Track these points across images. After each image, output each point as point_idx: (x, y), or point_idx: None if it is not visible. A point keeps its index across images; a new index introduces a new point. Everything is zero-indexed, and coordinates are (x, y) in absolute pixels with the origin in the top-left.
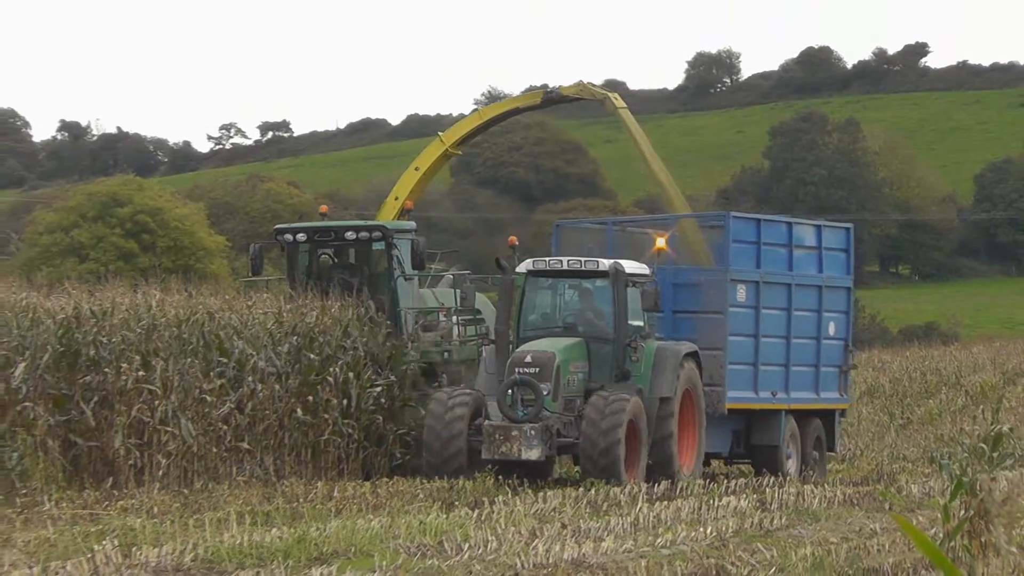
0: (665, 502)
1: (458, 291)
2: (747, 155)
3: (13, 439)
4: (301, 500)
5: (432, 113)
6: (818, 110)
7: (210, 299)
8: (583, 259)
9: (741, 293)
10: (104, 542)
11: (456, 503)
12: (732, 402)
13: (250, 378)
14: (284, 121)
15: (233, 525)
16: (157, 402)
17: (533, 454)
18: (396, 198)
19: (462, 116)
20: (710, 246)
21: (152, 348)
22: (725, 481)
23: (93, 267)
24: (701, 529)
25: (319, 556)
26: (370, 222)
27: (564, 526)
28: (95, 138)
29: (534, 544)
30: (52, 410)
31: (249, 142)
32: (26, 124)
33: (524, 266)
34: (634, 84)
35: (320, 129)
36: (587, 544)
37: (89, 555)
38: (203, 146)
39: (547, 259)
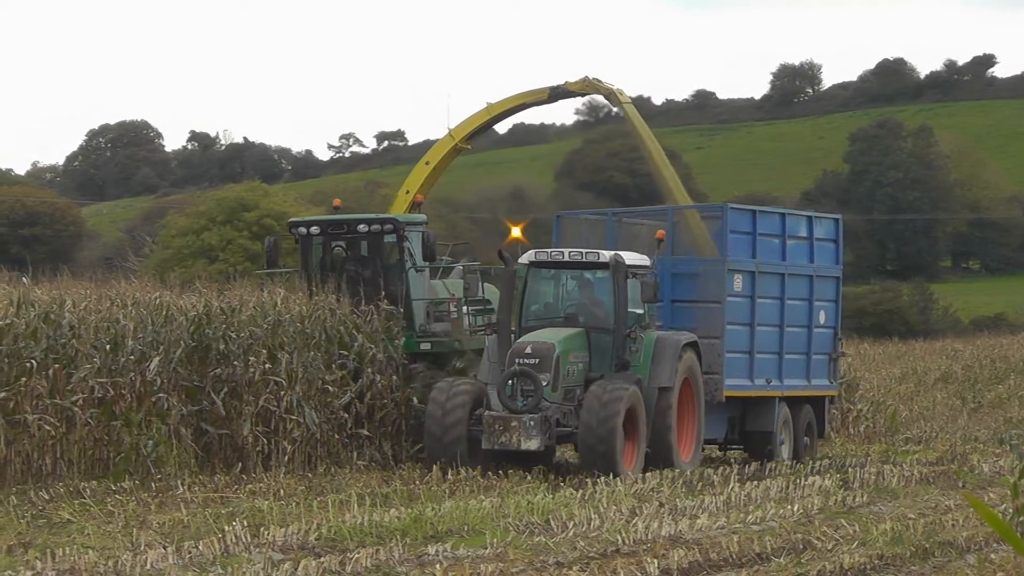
0: (755, 482)
1: (463, 281)
2: (828, 159)
3: (148, 428)
4: (417, 483)
5: (536, 123)
6: (893, 117)
7: (330, 296)
8: (584, 250)
9: (738, 283)
10: (234, 523)
11: (561, 484)
12: (730, 390)
13: (369, 369)
14: (399, 131)
15: (354, 506)
16: (283, 392)
17: (532, 444)
18: (407, 192)
19: (564, 126)
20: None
21: (278, 342)
22: (811, 462)
23: (222, 267)
24: (789, 506)
25: (434, 534)
26: (381, 215)
27: (662, 504)
28: (223, 147)
29: (634, 521)
30: (185, 401)
31: (367, 150)
32: (159, 135)
33: (526, 257)
34: (723, 94)
35: (432, 138)
36: (683, 521)
37: (220, 535)
38: (324, 154)
39: (548, 250)
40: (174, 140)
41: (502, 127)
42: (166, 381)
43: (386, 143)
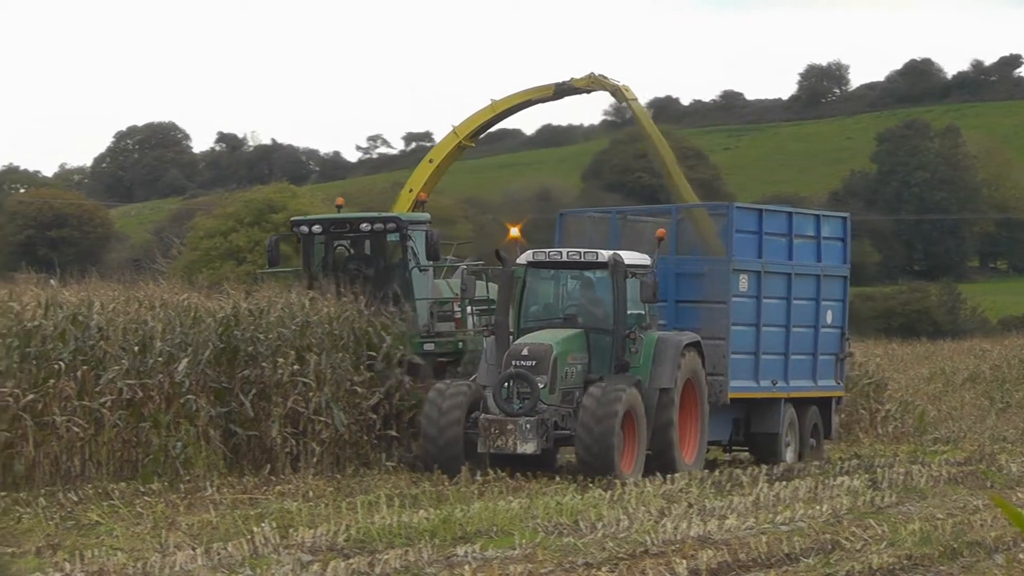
0: (784, 482)
1: (460, 282)
2: (855, 160)
3: (177, 429)
4: (446, 484)
5: (564, 123)
6: (921, 118)
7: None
8: (582, 250)
9: (743, 283)
10: (263, 524)
11: (590, 485)
12: (735, 391)
13: (397, 370)
14: (427, 132)
15: (383, 507)
16: (311, 394)
17: (528, 448)
18: (410, 190)
19: (592, 127)
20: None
21: (306, 344)
22: (839, 463)
23: (250, 269)
24: (817, 507)
25: (463, 535)
26: (384, 213)
27: (690, 505)
28: (251, 149)
29: (663, 522)
30: (213, 402)
31: (394, 152)
32: (186, 136)
33: (524, 257)
34: (751, 94)
35: None
36: (712, 522)
37: (249, 536)
38: (352, 156)
39: (547, 250)
40: (202, 142)
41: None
42: (194, 383)
43: (414, 144)
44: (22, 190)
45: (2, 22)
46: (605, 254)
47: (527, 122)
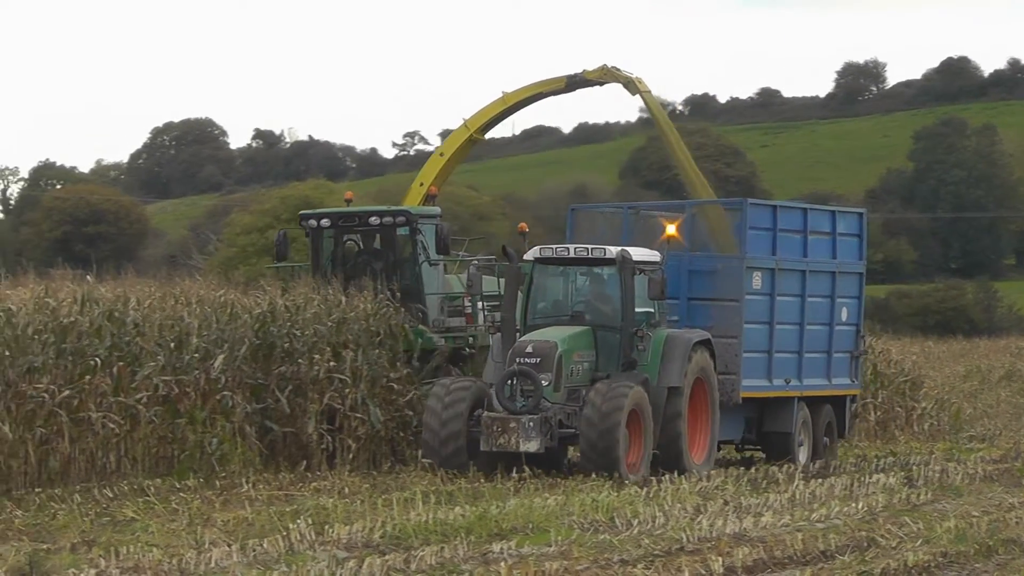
0: (819, 480)
1: (465, 277)
2: (892, 158)
3: (213, 426)
4: (482, 480)
5: (601, 121)
6: (957, 115)
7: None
8: (590, 246)
9: (757, 280)
10: (298, 521)
11: (626, 482)
12: (747, 391)
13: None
14: None
15: (419, 504)
16: (347, 390)
17: (531, 446)
18: (421, 184)
19: (629, 123)
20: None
21: (342, 340)
22: (875, 460)
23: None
24: (853, 504)
25: (499, 532)
26: (394, 207)
27: (726, 503)
28: (288, 145)
29: (698, 519)
30: (249, 398)
31: (430, 148)
32: (223, 133)
33: (531, 253)
34: (788, 92)
35: (497, 136)
36: (748, 519)
37: (284, 533)
38: (388, 152)
39: (554, 246)
40: (239, 138)
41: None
42: (230, 379)
43: None
44: (59, 186)
45: (40, 18)
46: (613, 250)
47: (564, 120)
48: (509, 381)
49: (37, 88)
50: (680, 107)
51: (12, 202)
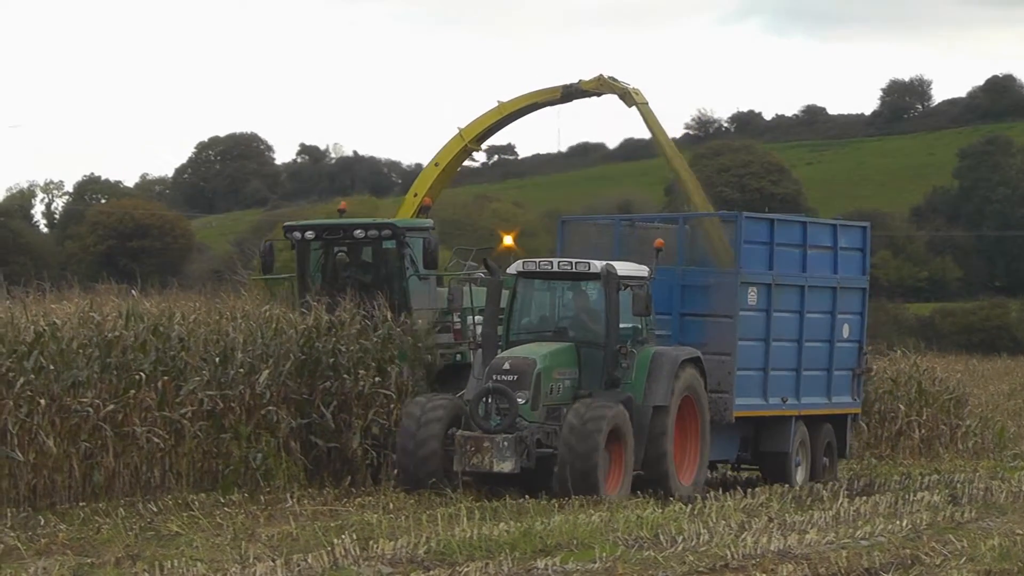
0: (864, 497)
1: (446, 292)
2: (937, 175)
3: (257, 441)
4: (527, 497)
5: (646, 136)
6: (1003, 134)
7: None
8: (574, 260)
9: (752, 296)
10: (343, 536)
11: (671, 499)
12: (740, 410)
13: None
14: (509, 145)
15: (464, 520)
16: (392, 406)
17: (506, 466)
18: (415, 195)
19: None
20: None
21: (387, 356)
22: (920, 478)
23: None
24: (897, 522)
25: (543, 548)
26: (380, 219)
27: (771, 520)
28: (333, 161)
29: (743, 536)
30: (294, 413)
31: (476, 164)
32: (268, 148)
33: (514, 267)
34: (833, 109)
35: (542, 152)
36: (792, 536)
37: (329, 548)
38: None
39: (537, 260)
40: (284, 153)
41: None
42: (275, 394)
43: (496, 157)
44: (103, 200)
45: (86, 33)
46: (598, 264)
47: (609, 136)
48: (484, 399)
49: (83, 103)
50: (726, 124)
51: (57, 216)
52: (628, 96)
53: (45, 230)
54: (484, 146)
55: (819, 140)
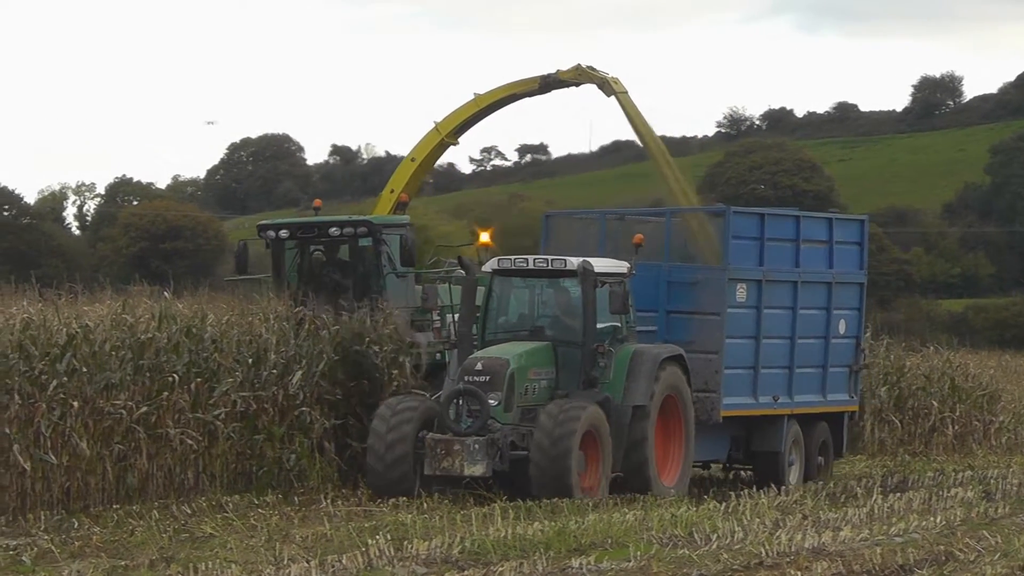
0: (897, 494)
1: (420, 290)
2: (969, 172)
3: (291, 442)
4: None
5: (678, 135)
6: None
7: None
8: (550, 257)
9: (741, 292)
10: (377, 536)
11: (705, 497)
12: (729, 409)
13: None
14: (542, 144)
15: (498, 519)
16: None
17: (477, 470)
18: (392, 191)
19: (707, 138)
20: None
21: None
22: (953, 474)
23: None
24: (931, 518)
25: (578, 547)
26: (355, 216)
27: (805, 517)
28: (365, 161)
29: (777, 534)
30: (327, 414)
31: (509, 164)
32: (300, 148)
33: (489, 265)
34: (864, 106)
35: (575, 151)
36: (826, 533)
37: (363, 549)
38: (466, 168)
39: (512, 257)
40: (316, 154)
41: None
42: (309, 395)
43: (528, 156)
44: (135, 202)
45: (117, 35)
46: (574, 261)
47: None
48: (455, 401)
49: (114, 104)
50: (758, 121)
51: (89, 218)
52: (607, 85)
53: (77, 232)
54: (460, 139)
55: (851, 137)
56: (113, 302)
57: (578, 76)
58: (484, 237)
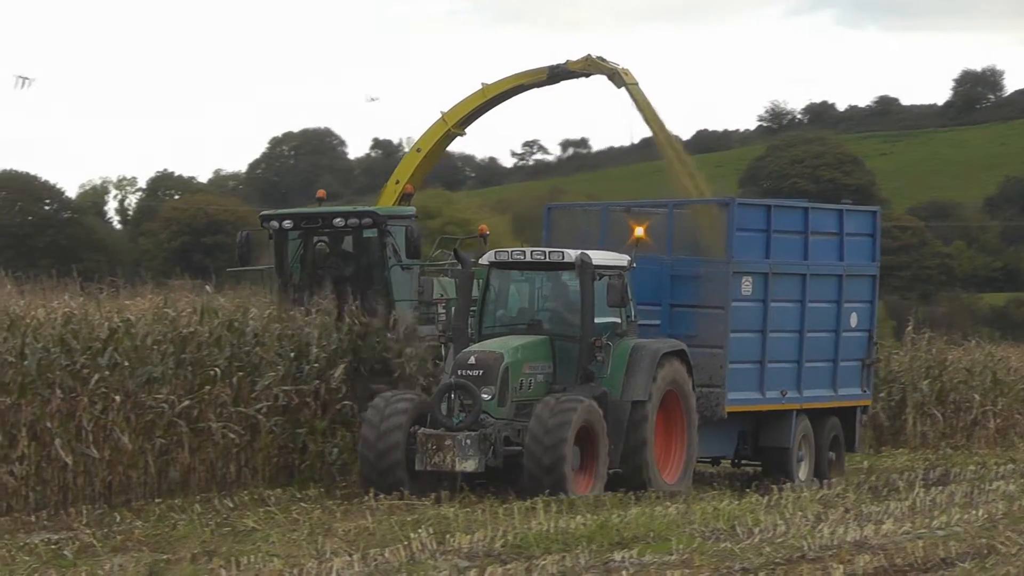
0: (939, 487)
1: (417, 284)
2: (1010, 165)
3: (333, 435)
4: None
5: (720, 129)
6: None
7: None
8: (548, 250)
9: (747, 286)
10: (419, 530)
11: (748, 490)
12: (734, 404)
13: None
14: (583, 138)
15: (540, 513)
16: None
17: (469, 465)
18: (397, 181)
19: (748, 132)
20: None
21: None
22: (995, 467)
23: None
24: (973, 512)
25: (620, 541)
26: (360, 207)
27: (847, 510)
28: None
29: (819, 527)
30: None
31: (550, 158)
32: (342, 143)
33: (486, 257)
34: (906, 100)
35: (616, 145)
36: (868, 527)
37: (406, 542)
38: (507, 162)
39: (509, 250)
40: (357, 147)
41: (686, 133)
42: (351, 389)
43: (570, 150)
44: (177, 196)
45: (159, 29)
46: (572, 254)
47: (682, 127)
48: (448, 395)
49: (156, 98)
50: (799, 115)
51: (130, 212)
52: (617, 76)
53: (119, 227)
54: (468, 130)
55: (892, 131)
56: (155, 296)
57: (587, 67)
58: (484, 228)
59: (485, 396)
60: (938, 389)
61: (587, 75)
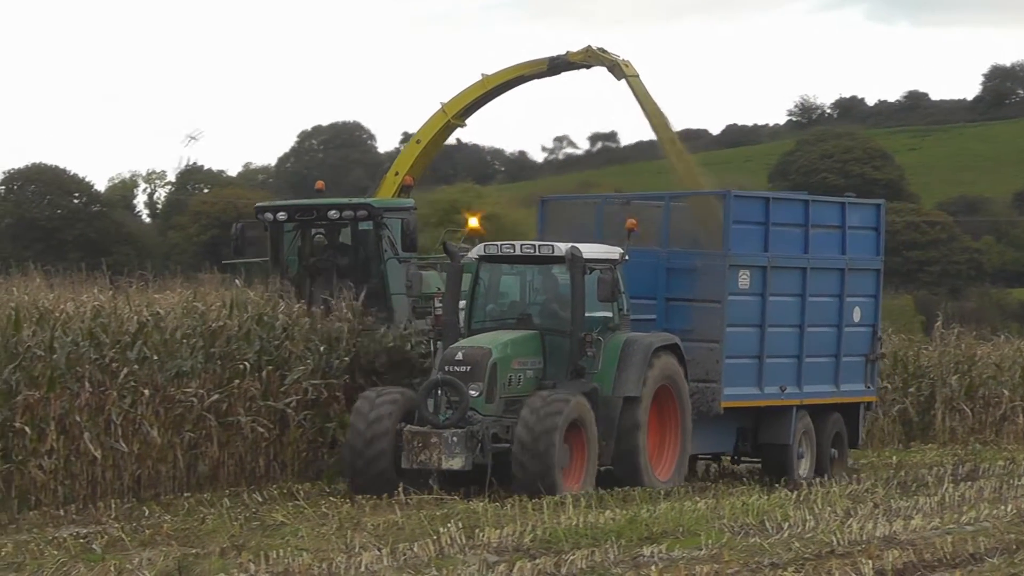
0: (968, 482)
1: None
2: None
3: None
4: (632, 485)
5: (750, 123)
6: None
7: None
8: (538, 243)
9: (744, 279)
10: (449, 525)
11: (777, 486)
12: (730, 400)
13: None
14: (612, 132)
15: (569, 508)
16: None
17: (455, 463)
18: (396, 173)
19: (778, 127)
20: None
21: None
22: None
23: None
24: (1002, 507)
25: (649, 536)
26: (355, 199)
27: (876, 506)
28: None
29: (848, 523)
30: None
31: (580, 152)
32: (371, 136)
33: (475, 251)
34: (935, 95)
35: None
36: (897, 522)
37: (435, 537)
38: (538, 156)
39: (499, 243)
40: (387, 141)
41: (716, 127)
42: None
43: (600, 144)
44: (206, 190)
45: (189, 25)
46: (562, 247)
47: (712, 122)
48: (434, 392)
49: (185, 92)
50: (829, 110)
51: (160, 206)
52: (617, 68)
53: (147, 220)
54: (468, 121)
55: (921, 126)
56: (184, 290)
57: (588, 58)
58: (473, 222)
59: (472, 392)
60: (967, 384)
61: (588, 67)
